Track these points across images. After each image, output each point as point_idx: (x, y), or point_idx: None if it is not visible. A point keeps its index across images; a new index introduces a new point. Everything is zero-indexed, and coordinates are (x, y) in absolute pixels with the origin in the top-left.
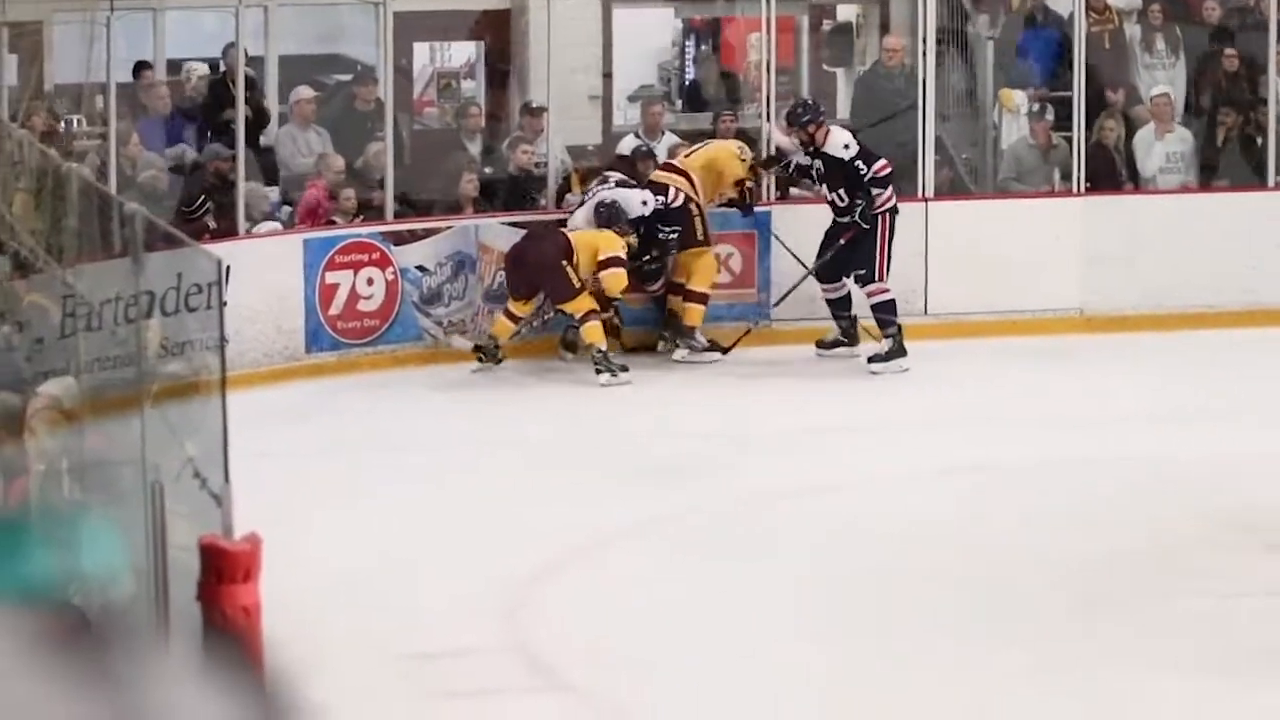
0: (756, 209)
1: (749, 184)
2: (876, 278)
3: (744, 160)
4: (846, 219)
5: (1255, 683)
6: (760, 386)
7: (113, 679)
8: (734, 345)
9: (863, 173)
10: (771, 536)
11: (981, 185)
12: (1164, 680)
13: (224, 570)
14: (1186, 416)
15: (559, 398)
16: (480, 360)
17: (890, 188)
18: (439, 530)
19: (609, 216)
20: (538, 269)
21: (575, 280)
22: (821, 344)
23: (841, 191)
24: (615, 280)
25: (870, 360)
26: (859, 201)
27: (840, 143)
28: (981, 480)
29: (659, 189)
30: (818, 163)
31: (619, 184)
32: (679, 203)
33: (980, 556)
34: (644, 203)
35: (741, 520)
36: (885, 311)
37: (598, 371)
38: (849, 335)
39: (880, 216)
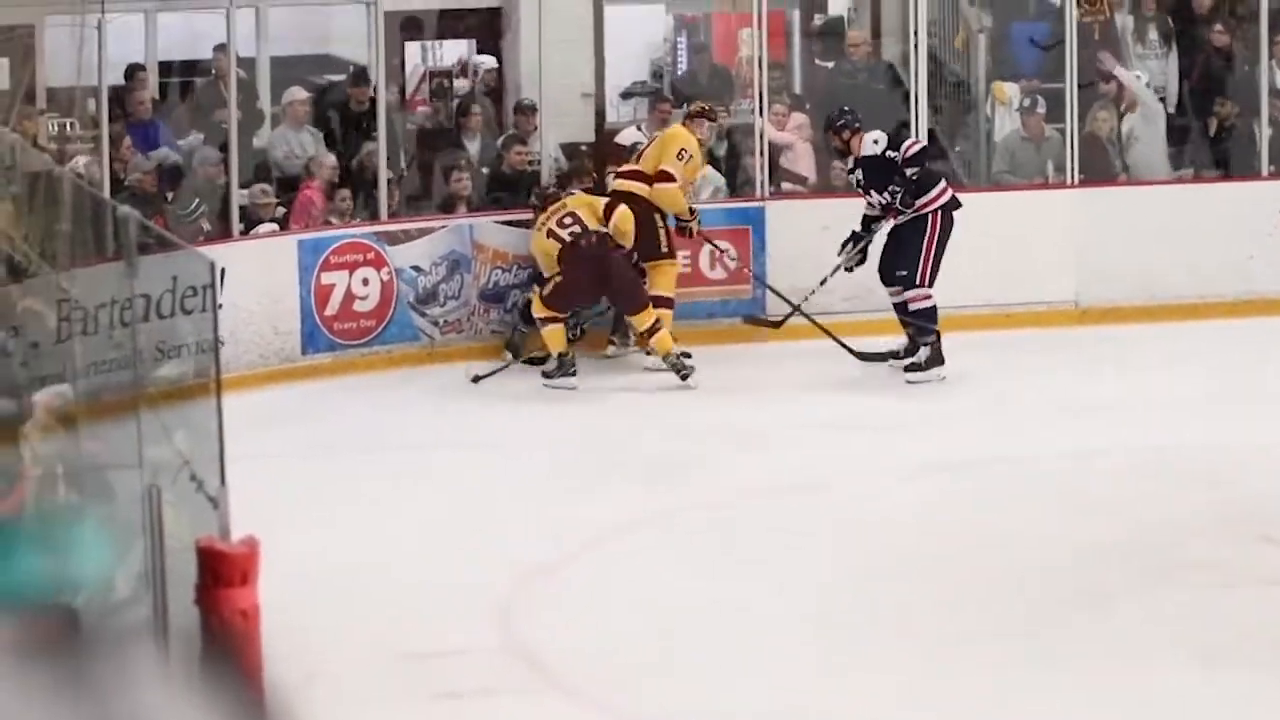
0: (748, 205)
1: (693, 224)
2: (918, 281)
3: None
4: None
5: (1250, 671)
6: (758, 382)
7: (102, 682)
8: (783, 321)
9: (894, 159)
10: (773, 532)
11: (975, 179)
12: (1161, 670)
13: (221, 573)
14: (1182, 407)
15: (555, 397)
16: (555, 374)
17: (942, 184)
18: (437, 530)
19: None
20: (619, 286)
21: (645, 294)
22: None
23: (890, 188)
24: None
25: (907, 370)
26: (896, 189)
27: (870, 140)
28: (982, 473)
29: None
30: (857, 172)
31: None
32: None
33: (982, 548)
34: None
35: (742, 516)
36: (924, 319)
37: (681, 376)
38: (911, 346)
39: (931, 216)
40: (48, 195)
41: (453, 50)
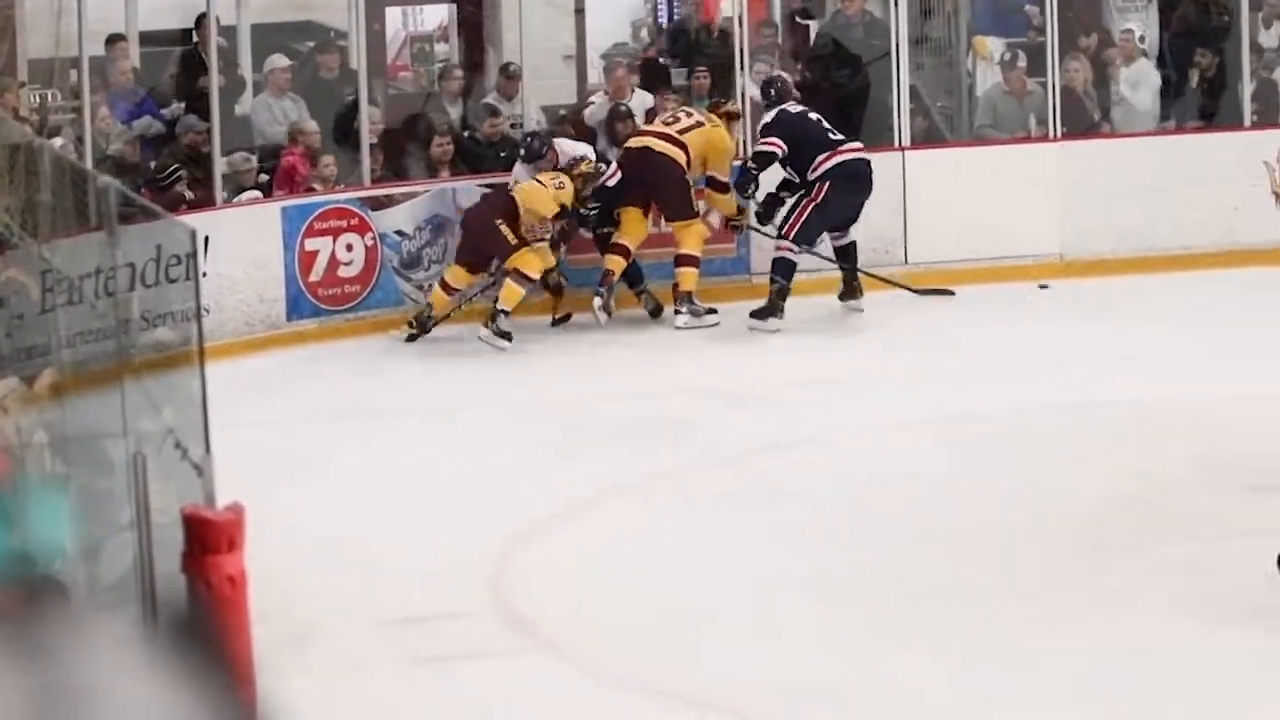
0: (733, 163)
1: (737, 224)
2: (784, 233)
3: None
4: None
5: (1244, 625)
6: (740, 342)
7: (71, 650)
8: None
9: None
10: (756, 492)
11: (957, 134)
12: (1159, 625)
13: (208, 540)
14: (1167, 359)
15: (539, 362)
16: (410, 326)
17: (827, 153)
18: (421, 495)
19: (530, 148)
20: (479, 232)
21: (511, 237)
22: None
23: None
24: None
25: (751, 315)
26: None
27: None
28: (969, 428)
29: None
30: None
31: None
32: (613, 182)
33: (972, 504)
34: (582, 154)
35: (726, 477)
36: (775, 269)
37: (484, 325)
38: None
39: (818, 183)
40: (28, 166)
41: (433, 15)
